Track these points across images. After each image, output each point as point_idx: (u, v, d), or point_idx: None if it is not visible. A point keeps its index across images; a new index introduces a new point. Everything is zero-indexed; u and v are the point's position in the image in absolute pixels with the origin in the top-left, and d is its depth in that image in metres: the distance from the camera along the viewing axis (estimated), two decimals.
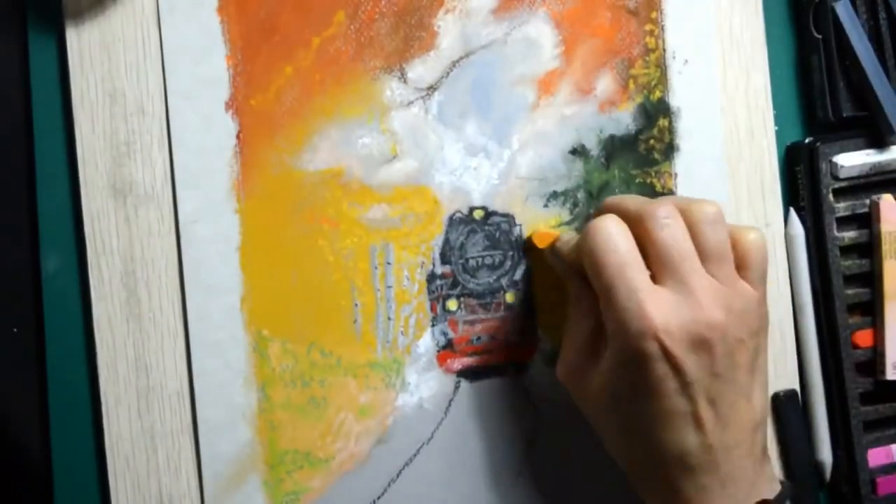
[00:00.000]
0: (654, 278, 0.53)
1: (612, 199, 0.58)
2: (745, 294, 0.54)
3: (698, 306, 0.51)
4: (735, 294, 0.53)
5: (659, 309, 0.51)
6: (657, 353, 0.51)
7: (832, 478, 0.68)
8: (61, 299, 0.62)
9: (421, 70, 0.63)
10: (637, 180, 0.65)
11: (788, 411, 0.67)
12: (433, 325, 0.64)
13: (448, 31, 0.63)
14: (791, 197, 0.68)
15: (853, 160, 0.66)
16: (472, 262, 0.64)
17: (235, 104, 0.61)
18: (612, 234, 0.53)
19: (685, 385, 0.51)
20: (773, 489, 0.54)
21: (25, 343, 0.62)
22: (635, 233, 0.54)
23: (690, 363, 0.51)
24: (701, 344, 0.51)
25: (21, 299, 0.62)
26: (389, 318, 0.63)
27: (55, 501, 0.62)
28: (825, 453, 0.67)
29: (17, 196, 0.62)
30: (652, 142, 0.65)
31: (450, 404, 0.64)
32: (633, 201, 0.56)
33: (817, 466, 0.67)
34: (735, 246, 0.55)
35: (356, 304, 0.63)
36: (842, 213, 0.66)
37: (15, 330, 0.62)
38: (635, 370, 0.52)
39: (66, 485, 0.62)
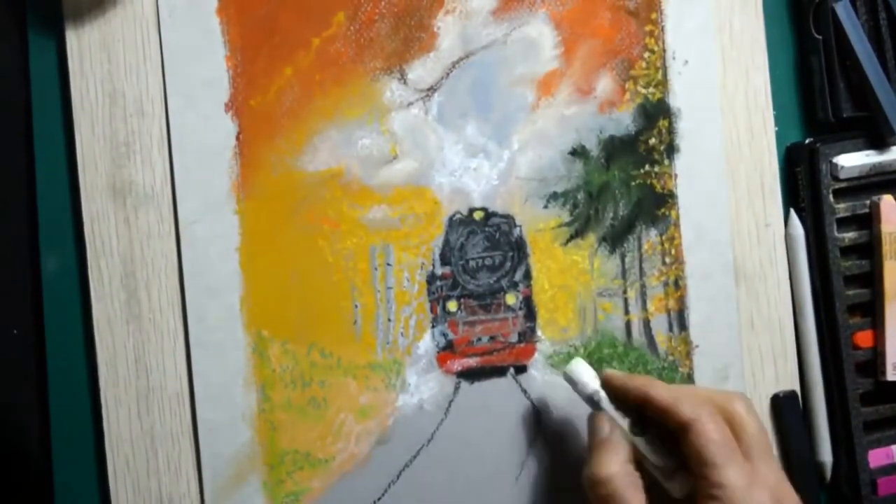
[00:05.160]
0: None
1: (669, 392, 0.58)
2: None
3: (790, 492, 0.55)
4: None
5: (764, 495, 0.53)
6: None
7: (833, 478, 0.67)
8: (61, 300, 0.62)
9: (421, 71, 0.63)
10: (637, 181, 0.65)
11: (788, 412, 0.66)
12: (433, 327, 0.64)
13: (448, 32, 0.63)
14: (791, 198, 0.68)
15: (853, 161, 0.66)
16: (472, 264, 0.64)
17: (235, 105, 0.62)
18: (720, 420, 0.55)
19: None
20: None
21: (25, 344, 0.62)
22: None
23: None
24: None
25: (21, 300, 0.62)
26: (389, 319, 0.63)
27: (55, 502, 0.62)
28: (826, 454, 0.67)
29: (17, 196, 0.62)
30: (652, 142, 0.65)
31: (450, 405, 0.64)
32: (703, 393, 0.58)
33: (818, 467, 0.67)
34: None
35: (356, 305, 0.63)
36: (842, 214, 0.66)
37: (15, 331, 0.62)
38: None
39: (66, 485, 0.62)
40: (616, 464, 0.56)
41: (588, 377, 0.59)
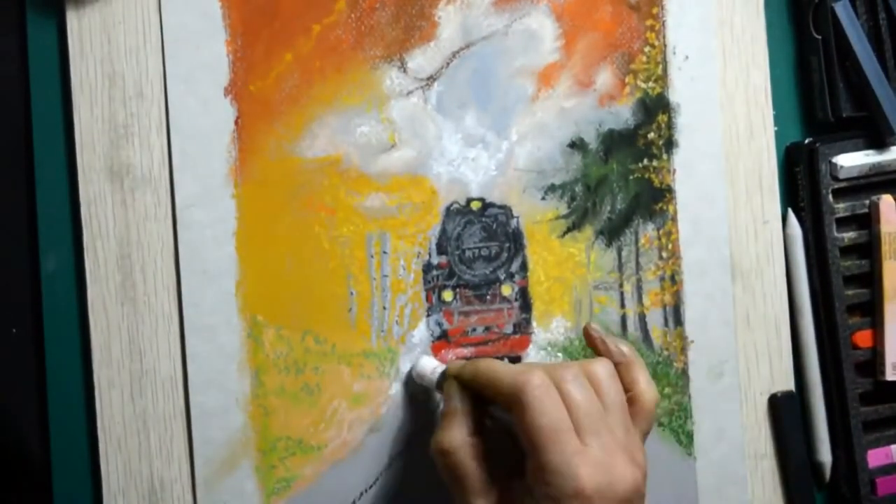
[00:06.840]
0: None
1: (489, 368, 0.56)
2: (641, 445, 0.56)
3: (622, 465, 0.52)
4: (638, 447, 0.55)
5: (591, 473, 0.51)
6: None
7: (832, 478, 0.67)
8: (58, 283, 0.62)
9: (421, 60, 0.63)
10: (635, 175, 0.65)
11: (786, 412, 0.66)
12: (428, 316, 0.64)
13: (449, 21, 0.63)
14: (791, 197, 0.68)
15: (853, 160, 0.66)
16: (468, 254, 0.64)
17: (234, 89, 0.62)
18: (548, 395, 0.53)
19: None
20: None
21: (23, 333, 0.62)
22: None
23: None
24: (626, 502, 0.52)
25: (19, 279, 0.62)
26: (385, 307, 0.63)
27: (53, 483, 0.62)
28: (825, 454, 0.67)
29: (15, 180, 0.62)
30: (651, 137, 0.65)
31: None
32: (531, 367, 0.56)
33: (817, 467, 0.67)
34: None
35: (351, 293, 0.63)
36: (841, 214, 0.66)
37: (14, 330, 0.62)
38: None
39: (58, 466, 0.62)
40: (460, 436, 0.56)
41: (433, 365, 0.62)
